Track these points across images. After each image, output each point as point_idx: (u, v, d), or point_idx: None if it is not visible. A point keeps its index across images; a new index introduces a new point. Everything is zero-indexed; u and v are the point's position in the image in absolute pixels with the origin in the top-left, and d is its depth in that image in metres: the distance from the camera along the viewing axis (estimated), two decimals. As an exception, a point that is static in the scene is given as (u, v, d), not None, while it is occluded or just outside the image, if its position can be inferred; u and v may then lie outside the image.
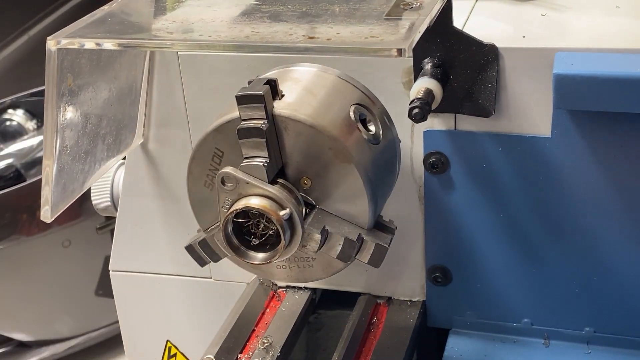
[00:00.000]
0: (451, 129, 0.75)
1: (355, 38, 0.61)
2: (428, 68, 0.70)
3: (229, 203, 0.63)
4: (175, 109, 0.85)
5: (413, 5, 0.66)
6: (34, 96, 2.06)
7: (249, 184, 0.61)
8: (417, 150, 0.78)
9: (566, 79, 0.65)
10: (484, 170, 0.75)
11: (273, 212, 0.61)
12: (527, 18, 0.77)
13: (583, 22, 0.75)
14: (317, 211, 0.65)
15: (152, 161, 0.89)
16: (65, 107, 0.72)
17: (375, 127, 0.68)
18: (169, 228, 0.92)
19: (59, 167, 0.73)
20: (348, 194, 0.64)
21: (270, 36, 0.63)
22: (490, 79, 0.71)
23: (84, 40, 0.67)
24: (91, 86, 0.76)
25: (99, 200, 0.95)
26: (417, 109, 0.66)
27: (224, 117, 0.64)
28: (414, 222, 0.81)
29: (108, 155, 0.82)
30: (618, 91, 0.64)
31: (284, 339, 0.70)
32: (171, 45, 0.69)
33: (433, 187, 0.78)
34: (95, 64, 0.75)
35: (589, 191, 0.73)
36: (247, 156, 0.62)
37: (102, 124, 0.79)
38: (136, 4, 0.77)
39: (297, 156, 0.63)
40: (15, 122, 2.07)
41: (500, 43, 0.70)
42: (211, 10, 0.71)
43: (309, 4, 0.69)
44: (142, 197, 0.91)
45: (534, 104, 0.72)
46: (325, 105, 0.65)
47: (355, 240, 0.64)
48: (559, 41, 0.71)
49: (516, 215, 0.77)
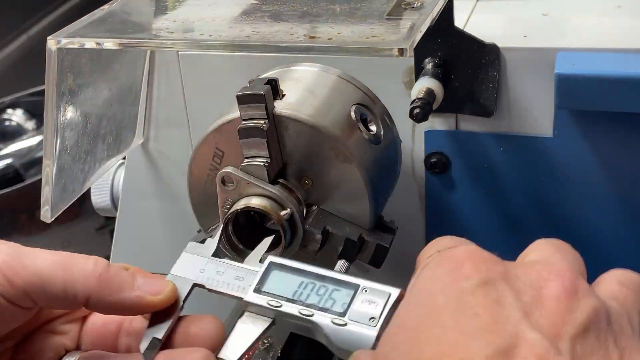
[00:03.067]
0: (452, 129, 0.75)
1: (357, 38, 0.61)
2: (429, 68, 0.70)
3: (230, 203, 0.62)
4: (175, 109, 0.85)
5: (414, 4, 0.65)
6: (34, 96, 2.06)
7: (249, 184, 0.61)
8: (418, 151, 0.78)
9: (568, 78, 0.64)
10: (485, 171, 0.75)
11: (274, 212, 0.61)
12: (529, 17, 0.77)
13: (584, 22, 0.75)
14: (318, 211, 0.65)
15: (152, 161, 0.89)
16: (65, 107, 0.72)
17: (376, 127, 0.68)
18: (169, 228, 0.92)
19: (59, 167, 0.73)
20: (349, 194, 0.64)
21: (271, 36, 0.63)
22: (492, 79, 0.71)
23: (84, 40, 0.67)
24: (91, 86, 0.76)
25: (99, 200, 0.94)
26: (418, 108, 0.66)
27: (224, 117, 0.63)
28: (415, 222, 0.80)
29: (108, 155, 0.82)
30: (620, 91, 0.64)
31: (284, 339, 0.70)
32: (171, 44, 0.69)
33: (434, 187, 0.78)
34: (95, 63, 0.75)
35: (590, 191, 0.73)
36: (248, 156, 0.62)
37: (102, 124, 0.79)
38: (136, 4, 0.77)
39: (297, 156, 0.63)
40: (15, 122, 2.07)
41: (501, 43, 0.70)
42: (212, 10, 0.71)
43: (309, 4, 0.69)
44: (142, 197, 0.91)
45: (536, 104, 0.72)
46: (326, 105, 0.65)
47: (356, 240, 0.64)
48: (561, 41, 0.71)
49: (517, 216, 0.76)
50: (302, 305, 0.50)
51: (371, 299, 0.49)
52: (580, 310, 0.38)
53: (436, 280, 0.40)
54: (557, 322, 0.37)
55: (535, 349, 0.36)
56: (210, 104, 0.81)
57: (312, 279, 0.52)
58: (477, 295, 0.38)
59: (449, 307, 0.38)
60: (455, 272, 0.40)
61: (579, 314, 0.38)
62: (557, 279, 0.40)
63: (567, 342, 0.37)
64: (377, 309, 0.48)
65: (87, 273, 0.50)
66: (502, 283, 0.39)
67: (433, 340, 0.37)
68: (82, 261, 0.50)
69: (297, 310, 0.50)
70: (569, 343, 0.37)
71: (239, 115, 0.61)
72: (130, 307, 0.51)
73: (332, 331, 0.48)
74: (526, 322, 0.37)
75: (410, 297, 0.42)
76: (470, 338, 0.36)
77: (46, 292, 0.48)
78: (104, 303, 0.50)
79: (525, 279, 0.40)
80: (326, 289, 0.51)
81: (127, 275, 0.51)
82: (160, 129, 0.87)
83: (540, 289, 0.39)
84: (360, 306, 0.49)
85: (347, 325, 0.48)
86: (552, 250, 0.44)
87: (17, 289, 0.47)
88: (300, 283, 0.52)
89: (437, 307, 0.39)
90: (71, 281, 0.49)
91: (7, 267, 0.47)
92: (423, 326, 0.38)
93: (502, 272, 0.40)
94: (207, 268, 0.55)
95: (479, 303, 0.38)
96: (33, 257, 0.49)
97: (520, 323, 0.37)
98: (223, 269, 0.54)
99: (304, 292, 0.51)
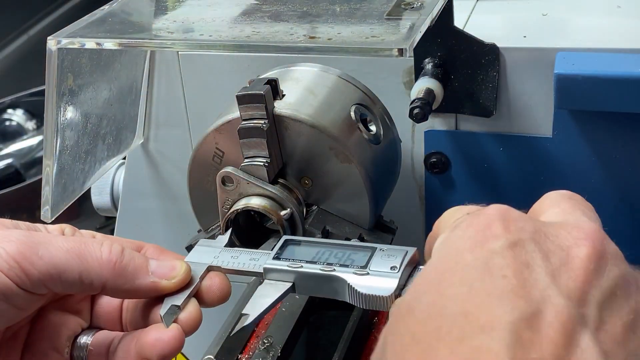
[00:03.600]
0: (452, 129, 0.75)
1: (356, 38, 0.61)
2: (429, 68, 0.70)
3: (230, 203, 0.62)
4: (175, 109, 0.85)
5: (414, 4, 0.65)
6: (34, 96, 2.06)
7: (249, 184, 0.61)
8: (417, 150, 0.78)
9: (567, 78, 0.64)
10: (485, 171, 0.75)
11: (274, 212, 0.61)
12: (529, 17, 0.77)
13: (584, 22, 0.75)
14: (318, 211, 0.65)
15: (152, 161, 0.89)
16: (66, 107, 0.72)
17: (376, 127, 0.68)
18: (169, 228, 0.92)
19: (59, 167, 0.73)
20: (349, 194, 0.64)
21: (271, 36, 0.63)
22: (491, 79, 0.71)
23: (85, 40, 0.67)
24: (91, 86, 0.76)
25: (99, 200, 0.94)
26: (418, 108, 0.66)
27: (224, 117, 0.63)
28: (414, 222, 0.80)
29: (108, 155, 0.82)
30: (619, 91, 0.64)
31: (284, 339, 0.70)
32: (172, 44, 0.69)
33: (434, 187, 0.78)
34: (95, 63, 0.75)
35: (590, 191, 0.73)
36: (248, 156, 0.62)
37: (102, 124, 0.79)
38: (137, 4, 0.77)
39: (297, 156, 0.63)
40: (15, 122, 2.07)
41: (501, 43, 0.70)
42: (212, 10, 0.71)
43: (309, 4, 0.69)
44: (142, 197, 0.91)
45: (535, 104, 0.72)
46: (326, 105, 0.65)
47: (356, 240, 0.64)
48: (560, 41, 0.71)
49: (517, 216, 0.76)
50: (323, 264, 0.52)
51: (390, 254, 0.51)
52: (608, 273, 0.38)
53: (466, 239, 0.40)
54: (585, 286, 0.37)
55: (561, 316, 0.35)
56: (210, 104, 0.81)
57: (329, 248, 0.53)
58: (506, 257, 0.38)
59: (477, 266, 0.38)
60: (485, 231, 0.40)
61: (607, 278, 0.38)
62: (587, 240, 0.39)
63: (595, 308, 0.36)
64: (396, 260, 0.50)
65: (103, 261, 0.50)
66: (531, 244, 0.39)
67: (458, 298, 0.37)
68: (97, 248, 0.50)
69: (318, 268, 0.51)
70: (596, 309, 0.36)
71: (239, 115, 0.61)
72: (144, 293, 0.52)
73: (356, 280, 0.49)
74: (554, 286, 0.36)
75: (437, 253, 0.42)
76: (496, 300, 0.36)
77: (62, 281, 0.49)
78: (119, 290, 0.51)
79: (555, 240, 0.40)
80: (344, 253, 0.52)
81: (141, 261, 0.52)
82: (160, 129, 0.87)
83: (570, 249, 0.39)
84: (379, 260, 0.50)
85: (369, 274, 0.50)
86: (570, 206, 0.44)
87: (33, 279, 0.47)
88: (318, 251, 0.53)
89: (465, 264, 0.38)
90: (86, 270, 0.49)
91: (23, 258, 0.47)
92: (449, 281, 0.38)
93: (532, 231, 0.40)
94: (221, 255, 0.56)
95: (508, 264, 0.37)
96: (48, 246, 0.49)
97: (548, 287, 0.36)
98: (237, 254, 0.56)
99: (322, 256, 0.52)
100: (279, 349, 0.68)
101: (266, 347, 0.68)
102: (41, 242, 0.49)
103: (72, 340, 0.54)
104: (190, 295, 0.53)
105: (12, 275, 0.47)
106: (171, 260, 0.54)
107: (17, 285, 0.47)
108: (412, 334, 0.37)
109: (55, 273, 0.48)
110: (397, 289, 0.48)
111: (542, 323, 0.35)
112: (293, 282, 0.52)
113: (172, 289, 0.52)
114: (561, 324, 0.35)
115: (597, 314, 0.36)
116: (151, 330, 0.51)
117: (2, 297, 0.47)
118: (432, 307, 0.37)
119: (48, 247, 0.49)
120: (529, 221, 0.40)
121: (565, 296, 0.36)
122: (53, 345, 0.53)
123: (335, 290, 0.51)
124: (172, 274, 0.52)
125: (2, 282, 0.46)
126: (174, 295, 0.52)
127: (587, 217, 0.43)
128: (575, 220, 0.42)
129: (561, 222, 0.42)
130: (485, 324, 0.35)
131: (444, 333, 0.35)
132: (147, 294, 0.52)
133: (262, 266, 0.53)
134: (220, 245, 0.57)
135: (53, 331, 0.54)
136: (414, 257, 0.51)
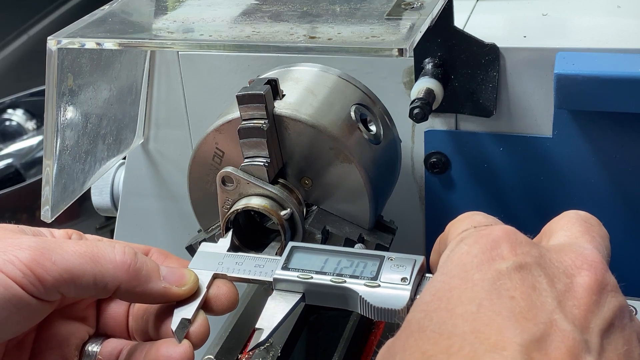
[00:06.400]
0: (452, 129, 0.75)
1: (356, 38, 0.61)
2: (429, 68, 0.70)
3: (230, 203, 0.62)
4: (175, 109, 0.85)
5: (414, 4, 0.65)
6: (34, 96, 2.06)
7: (249, 184, 0.61)
8: (418, 150, 0.78)
9: (567, 78, 0.64)
10: (485, 171, 0.75)
11: (274, 212, 0.61)
12: (529, 17, 0.77)
13: (584, 22, 0.75)
14: (318, 211, 0.65)
15: (152, 161, 0.89)
16: (66, 107, 0.72)
17: (376, 127, 0.68)
18: (169, 228, 0.92)
19: (59, 167, 0.73)
20: (349, 194, 0.64)
21: (271, 36, 0.63)
22: (491, 79, 0.71)
23: (85, 40, 0.67)
24: (91, 86, 0.76)
25: (99, 200, 0.94)
26: (418, 108, 0.66)
27: (224, 117, 0.63)
28: (414, 222, 0.80)
29: (108, 155, 0.82)
30: (619, 91, 0.64)
31: (284, 339, 0.70)
32: (172, 45, 0.69)
33: (434, 187, 0.78)
34: (95, 63, 0.75)
35: (590, 191, 0.73)
36: (248, 156, 0.62)
37: (102, 124, 0.79)
38: (136, 4, 0.77)
39: (297, 156, 0.63)
40: (15, 122, 2.07)
41: (501, 43, 0.70)
42: (212, 10, 0.71)
43: (309, 4, 0.69)
44: (142, 197, 0.91)
45: (535, 104, 0.72)
46: (326, 105, 0.65)
47: (356, 240, 0.64)
48: (560, 41, 0.71)
49: (517, 216, 0.76)
50: (333, 275, 0.52)
51: (399, 264, 0.51)
52: (607, 304, 0.39)
53: (473, 256, 0.40)
54: (587, 315, 0.38)
55: (567, 340, 0.36)
56: (210, 104, 0.81)
57: (336, 256, 0.53)
58: (513, 279, 0.38)
59: (485, 285, 0.38)
60: (492, 251, 0.40)
61: (607, 309, 0.39)
62: (590, 270, 0.40)
63: (596, 336, 0.37)
64: (406, 271, 0.50)
65: (117, 263, 0.50)
66: (537, 268, 0.39)
67: (468, 316, 0.37)
68: (110, 251, 0.50)
69: (328, 279, 0.51)
70: (597, 337, 0.37)
71: (239, 115, 0.61)
72: (156, 298, 0.52)
73: (367, 293, 0.50)
74: (559, 311, 0.37)
75: (444, 268, 0.42)
76: (506, 321, 0.36)
77: (76, 286, 0.48)
78: (132, 293, 0.51)
79: (560, 265, 0.40)
80: (352, 262, 0.52)
81: (153, 265, 0.52)
82: (160, 129, 0.87)
83: (573, 277, 0.40)
84: (389, 271, 0.51)
85: (381, 286, 0.50)
86: (581, 230, 0.44)
87: (47, 286, 0.47)
88: (326, 260, 0.53)
89: (473, 283, 0.39)
90: (101, 274, 0.49)
91: (37, 265, 0.46)
92: (457, 299, 0.38)
93: (537, 256, 0.40)
94: (225, 261, 0.56)
95: (516, 286, 0.38)
96: (61, 251, 0.48)
97: (554, 312, 0.37)
98: (241, 260, 0.56)
99: (331, 266, 0.53)
100: (279, 349, 0.68)
101: (266, 347, 0.68)
102: (53, 248, 0.48)
103: (80, 349, 0.54)
104: (199, 306, 0.53)
105: (25, 284, 0.46)
106: (180, 269, 0.54)
107: (31, 294, 0.46)
108: (423, 351, 0.37)
109: (70, 278, 0.47)
110: (409, 300, 0.49)
111: (550, 346, 0.36)
112: (303, 292, 0.52)
113: (183, 296, 0.52)
114: (567, 348, 0.36)
115: (599, 342, 0.37)
116: (162, 345, 0.51)
117: (14, 309, 0.46)
118: (442, 326, 0.38)
119: (61, 252, 0.48)
120: (534, 246, 0.41)
121: (570, 322, 0.37)
122: (62, 354, 0.53)
123: (346, 301, 0.51)
124: (182, 281, 0.52)
125: (15, 293, 0.45)
126: (182, 305, 0.52)
127: (594, 244, 0.43)
128: (580, 246, 0.43)
129: (566, 248, 0.42)
130: (497, 343, 0.35)
131: (455, 351, 0.36)
132: (158, 299, 0.52)
133: (272, 276, 0.53)
134: (223, 249, 0.57)
135: (61, 340, 0.53)
136: (422, 266, 0.51)
